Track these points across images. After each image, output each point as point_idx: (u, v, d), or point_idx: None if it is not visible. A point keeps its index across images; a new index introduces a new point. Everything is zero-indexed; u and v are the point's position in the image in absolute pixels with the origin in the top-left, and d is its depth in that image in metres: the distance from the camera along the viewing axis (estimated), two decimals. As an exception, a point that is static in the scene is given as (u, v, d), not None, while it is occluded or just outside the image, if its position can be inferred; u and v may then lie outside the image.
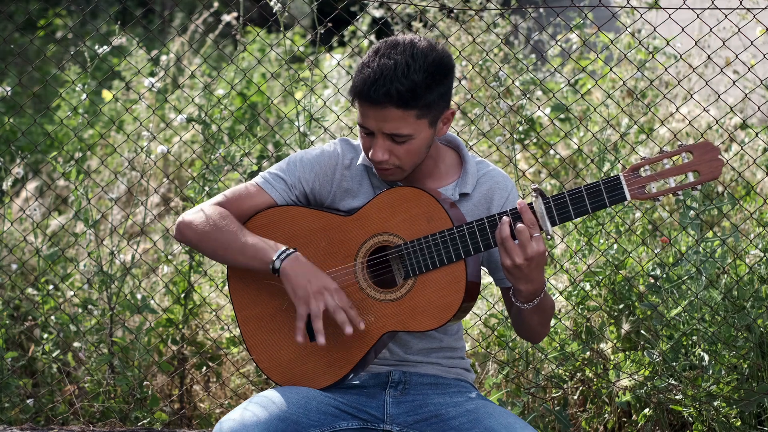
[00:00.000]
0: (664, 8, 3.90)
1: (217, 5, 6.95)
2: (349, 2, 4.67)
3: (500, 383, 3.80)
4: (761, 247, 3.78)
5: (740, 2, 3.85)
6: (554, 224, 2.42)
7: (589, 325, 3.80)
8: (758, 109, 3.84)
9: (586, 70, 4.37)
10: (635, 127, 4.72)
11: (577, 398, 3.83)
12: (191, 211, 2.65)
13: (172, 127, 5.13)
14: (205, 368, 4.08)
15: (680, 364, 3.61)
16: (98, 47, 4.07)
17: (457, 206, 2.58)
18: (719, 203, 3.85)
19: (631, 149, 4.43)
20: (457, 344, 2.73)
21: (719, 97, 3.96)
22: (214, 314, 4.10)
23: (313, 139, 3.99)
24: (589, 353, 3.78)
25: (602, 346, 3.80)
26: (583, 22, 4.97)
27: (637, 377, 3.65)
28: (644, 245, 3.91)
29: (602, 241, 3.85)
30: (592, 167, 4.42)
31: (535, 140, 4.97)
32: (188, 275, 4.02)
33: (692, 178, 2.40)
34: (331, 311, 2.49)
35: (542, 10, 4.63)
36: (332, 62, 6.58)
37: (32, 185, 5.56)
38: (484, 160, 2.70)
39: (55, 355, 4.05)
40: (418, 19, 5.18)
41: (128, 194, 5.30)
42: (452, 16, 5.08)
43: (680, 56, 3.99)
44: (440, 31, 5.09)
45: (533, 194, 2.42)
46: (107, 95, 6.38)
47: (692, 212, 3.71)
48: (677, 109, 3.90)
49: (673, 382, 3.62)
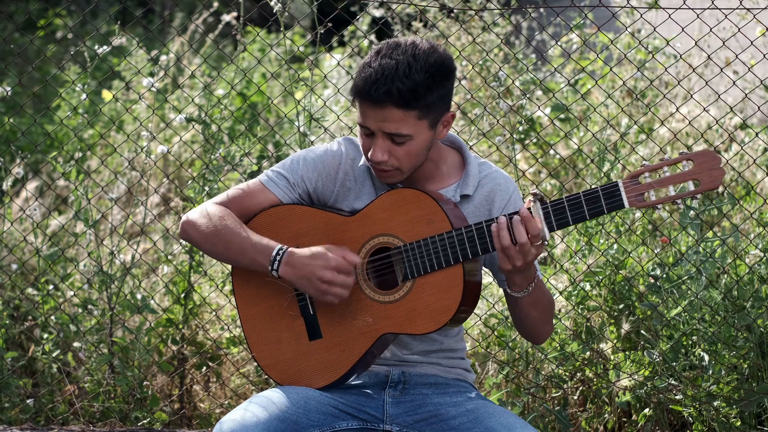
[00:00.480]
0: (664, 8, 3.90)
1: (217, 5, 6.95)
2: (349, 2, 4.67)
3: (500, 383, 3.80)
4: (761, 247, 3.78)
5: (740, 2, 3.85)
6: (552, 230, 2.42)
7: (589, 325, 3.79)
8: (758, 109, 3.84)
9: (586, 70, 4.37)
10: (635, 127, 4.72)
11: (577, 398, 3.83)
12: (195, 210, 2.66)
13: (172, 127, 5.13)
14: (205, 368, 4.08)
15: (680, 364, 3.61)
16: (98, 47, 4.06)
17: (458, 207, 2.58)
18: (719, 203, 3.86)
19: (631, 149, 4.43)
20: (457, 345, 2.73)
21: (719, 97, 3.96)
22: (214, 314, 4.10)
23: (313, 139, 3.99)
24: (589, 353, 3.78)
25: (602, 346, 3.80)
26: (583, 22, 4.97)
27: (637, 377, 3.65)
28: (644, 245, 3.91)
29: (602, 241, 3.85)
30: (592, 167, 4.42)
31: (535, 140, 4.97)
32: (188, 275, 4.02)
33: (692, 186, 2.39)
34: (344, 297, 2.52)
35: (542, 10, 4.63)
36: (332, 62, 6.58)
37: (32, 185, 5.56)
38: (486, 161, 2.70)
39: (55, 355, 4.05)
40: (418, 19, 5.18)
41: (128, 194, 5.30)
42: (452, 16, 5.08)
43: (680, 56, 3.99)
44: (440, 31, 5.08)
45: (532, 199, 2.42)
46: (107, 95, 6.38)
47: (692, 212, 3.71)
48: (677, 109, 3.90)
49: (673, 382, 3.62)
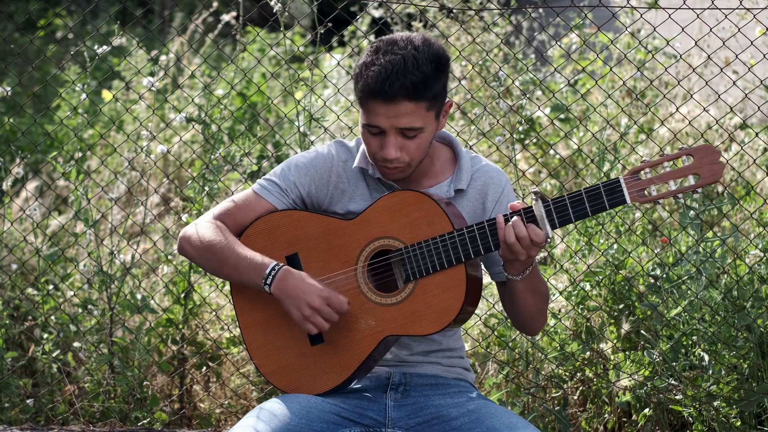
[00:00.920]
0: (664, 8, 3.89)
1: (216, 5, 6.95)
2: (349, 2, 4.67)
3: (500, 383, 3.80)
4: (761, 247, 3.78)
5: (740, 2, 3.85)
6: (554, 227, 2.43)
7: (589, 325, 3.80)
8: (758, 109, 3.84)
9: (586, 70, 4.37)
10: (635, 127, 4.71)
11: (577, 398, 3.83)
12: (191, 225, 2.67)
13: (172, 127, 5.13)
14: (205, 368, 4.08)
15: (680, 364, 3.61)
16: (98, 47, 4.06)
17: (453, 205, 2.59)
18: (719, 203, 3.85)
19: (631, 149, 4.43)
20: (456, 344, 2.73)
21: (719, 97, 3.96)
22: (214, 314, 4.10)
23: (313, 139, 3.99)
24: (589, 353, 3.78)
25: (602, 346, 3.80)
26: (582, 22, 4.97)
27: (637, 377, 3.65)
28: (644, 245, 3.91)
29: (602, 241, 3.85)
30: (592, 167, 4.42)
31: (535, 140, 4.97)
32: (188, 275, 4.02)
33: (693, 181, 2.40)
34: (320, 315, 2.52)
35: (542, 10, 4.63)
36: (332, 62, 6.58)
37: (32, 185, 5.56)
38: (477, 155, 2.72)
39: (55, 355, 4.05)
40: (418, 19, 5.18)
41: (128, 194, 5.30)
42: (452, 16, 5.08)
43: (680, 56, 3.99)
44: (440, 31, 5.08)
45: (533, 197, 2.43)
46: (107, 95, 6.38)
47: (692, 212, 3.71)
48: (677, 109, 3.90)
49: (673, 382, 3.62)
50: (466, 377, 2.74)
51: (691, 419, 3.64)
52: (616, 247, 3.82)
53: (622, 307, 3.80)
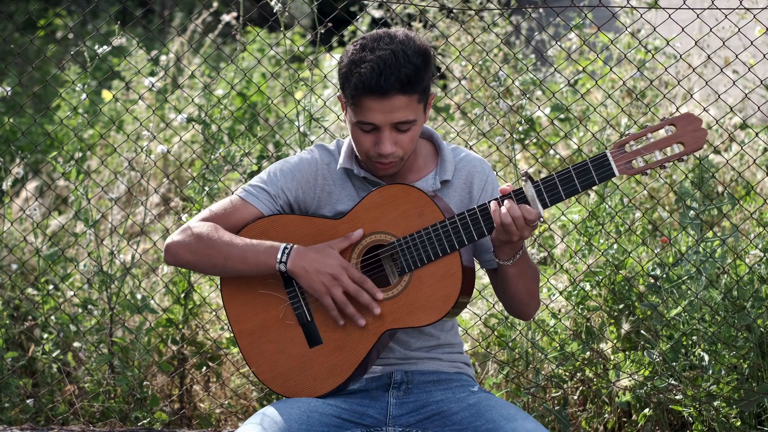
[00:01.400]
0: (664, 8, 3.90)
1: (216, 5, 6.95)
2: (349, 2, 4.67)
3: (500, 383, 3.80)
4: (761, 247, 3.78)
5: (740, 2, 3.85)
6: (545, 206, 2.47)
7: (589, 325, 3.80)
8: (758, 109, 3.84)
9: (586, 70, 4.37)
10: (635, 127, 4.71)
11: (577, 398, 3.83)
12: (178, 233, 2.65)
13: (172, 127, 5.13)
14: (205, 368, 4.08)
15: (680, 364, 3.61)
16: (98, 47, 4.06)
17: (441, 198, 2.61)
18: (719, 203, 3.85)
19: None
20: (454, 340, 2.75)
21: (719, 97, 3.96)
22: (214, 314, 4.10)
23: (313, 138, 3.99)
24: (589, 353, 3.78)
25: (602, 346, 3.80)
26: (582, 22, 4.97)
27: (637, 377, 3.65)
28: (644, 245, 3.91)
29: (602, 241, 3.85)
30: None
31: (535, 140, 4.97)
32: (188, 275, 4.02)
33: (678, 149, 2.43)
34: (352, 294, 2.52)
35: (542, 10, 4.63)
36: (332, 62, 6.58)
37: (32, 185, 5.56)
38: (458, 146, 2.75)
39: (55, 355, 4.05)
40: (418, 19, 5.18)
41: (128, 194, 5.30)
42: (452, 16, 5.08)
43: (680, 56, 3.99)
44: (440, 31, 5.08)
45: (523, 178, 2.46)
46: (107, 95, 6.38)
47: (692, 212, 3.71)
48: (677, 109, 3.90)
49: (673, 382, 3.62)
50: (467, 372, 2.75)
51: (691, 419, 3.64)
52: (616, 247, 3.82)
53: (622, 307, 3.80)
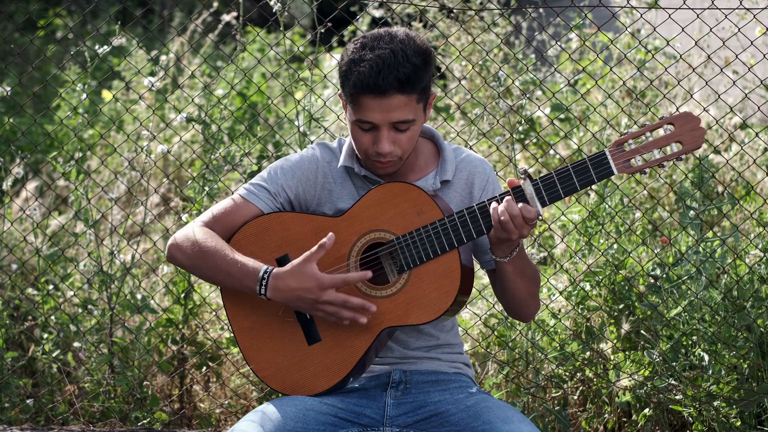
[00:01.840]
0: (664, 8, 3.90)
1: (216, 5, 6.95)
2: (349, 2, 4.68)
3: (500, 383, 3.80)
4: (761, 247, 3.78)
5: (740, 2, 3.85)
6: (544, 204, 2.47)
7: (589, 325, 3.80)
8: (758, 109, 3.84)
9: (586, 70, 4.37)
10: (635, 127, 4.71)
11: (577, 398, 3.83)
12: (180, 232, 2.66)
13: (172, 127, 5.13)
14: (205, 368, 4.08)
15: (680, 364, 3.61)
16: (98, 47, 4.06)
17: (440, 197, 2.61)
18: (719, 203, 3.85)
19: (631, 149, 4.42)
20: (454, 340, 2.75)
21: (719, 97, 3.96)
22: (214, 314, 4.10)
23: (313, 138, 3.99)
24: (589, 353, 3.78)
25: (602, 346, 3.80)
26: (582, 22, 4.97)
27: (637, 377, 3.65)
28: (644, 245, 3.91)
29: (602, 241, 3.85)
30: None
31: (535, 140, 4.97)
32: (188, 275, 4.02)
33: (676, 148, 2.43)
34: (335, 317, 2.51)
35: (542, 10, 4.63)
36: (332, 62, 6.58)
37: (32, 185, 5.56)
38: (459, 146, 2.75)
39: (55, 355, 4.05)
40: (418, 19, 5.18)
41: (128, 194, 5.30)
42: (452, 16, 5.08)
43: (680, 56, 3.99)
44: (440, 31, 5.08)
45: (521, 176, 2.46)
46: (107, 95, 6.38)
47: (692, 212, 3.71)
48: (677, 109, 3.90)
49: (673, 382, 3.62)
50: (466, 372, 2.75)
51: (691, 419, 3.64)
52: (616, 247, 3.82)
53: (622, 307, 3.80)
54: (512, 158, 3.96)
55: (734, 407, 3.54)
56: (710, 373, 3.57)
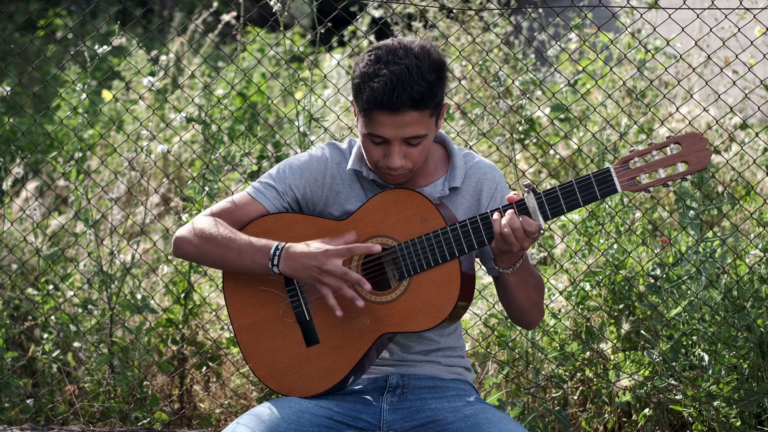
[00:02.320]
0: (664, 8, 3.89)
1: (216, 5, 6.95)
2: (349, 2, 4.68)
3: (500, 383, 3.80)
4: (761, 247, 3.78)
5: (740, 2, 3.85)
6: (546, 219, 2.46)
7: (589, 325, 3.79)
8: (758, 109, 3.84)
9: (586, 70, 4.37)
10: (635, 127, 4.72)
11: (577, 398, 3.83)
12: (184, 227, 2.67)
13: (172, 127, 5.13)
14: (205, 368, 4.08)
15: (680, 364, 3.61)
16: (98, 47, 4.06)
17: (445, 205, 2.60)
18: (719, 203, 3.85)
19: (630, 149, 4.42)
20: (456, 344, 2.73)
21: (719, 97, 3.96)
22: (214, 314, 4.10)
23: (313, 138, 3.99)
24: (589, 353, 3.78)
25: (602, 346, 3.80)
26: (582, 22, 4.97)
27: (637, 377, 3.65)
28: (644, 245, 3.91)
29: (602, 241, 3.85)
30: (592, 167, 4.42)
31: (535, 140, 4.97)
32: (188, 275, 4.02)
33: (681, 168, 2.43)
34: (338, 291, 2.51)
35: (542, 10, 4.63)
36: (332, 62, 6.58)
37: (32, 185, 5.56)
38: (470, 152, 2.73)
39: (55, 355, 4.05)
40: (418, 19, 5.18)
41: (128, 194, 5.30)
42: (452, 16, 5.08)
43: (680, 56, 3.99)
44: (440, 31, 5.08)
45: (525, 190, 2.46)
46: (107, 95, 6.38)
47: (692, 212, 3.71)
48: (677, 109, 3.90)
49: (673, 382, 3.62)
50: (465, 377, 2.74)
51: (691, 419, 3.64)
52: (616, 247, 3.82)
53: (622, 307, 3.80)
54: (512, 158, 3.96)
55: (734, 407, 3.54)
56: (710, 373, 3.57)
